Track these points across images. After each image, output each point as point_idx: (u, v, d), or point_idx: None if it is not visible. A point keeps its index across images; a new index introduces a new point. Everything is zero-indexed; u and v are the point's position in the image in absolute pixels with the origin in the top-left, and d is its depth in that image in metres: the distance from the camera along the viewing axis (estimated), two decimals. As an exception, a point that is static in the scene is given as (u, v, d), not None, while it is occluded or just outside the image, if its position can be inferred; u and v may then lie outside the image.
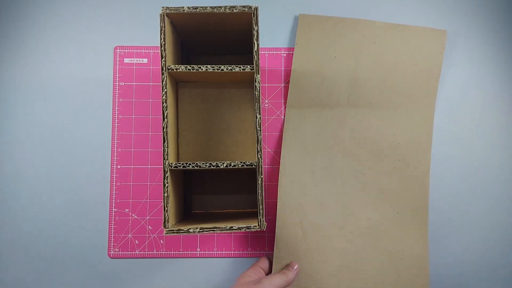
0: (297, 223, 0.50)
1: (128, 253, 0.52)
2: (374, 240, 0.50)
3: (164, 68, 0.41)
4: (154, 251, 0.52)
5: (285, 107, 0.53)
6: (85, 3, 0.55)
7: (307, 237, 0.50)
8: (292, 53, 0.54)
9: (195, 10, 0.40)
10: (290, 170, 0.51)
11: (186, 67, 0.42)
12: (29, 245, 0.52)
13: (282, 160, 0.51)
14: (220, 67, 0.42)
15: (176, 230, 0.38)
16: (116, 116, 0.54)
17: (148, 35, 0.55)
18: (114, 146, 0.53)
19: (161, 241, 0.52)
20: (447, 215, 0.53)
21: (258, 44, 0.40)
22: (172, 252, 0.52)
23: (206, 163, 0.40)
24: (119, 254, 0.52)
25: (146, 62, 0.55)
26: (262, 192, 0.40)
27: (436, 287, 0.52)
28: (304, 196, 0.51)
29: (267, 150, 0.53)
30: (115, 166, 0.53)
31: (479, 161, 0.54)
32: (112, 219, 0.52)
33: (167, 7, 0.40)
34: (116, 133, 0.53)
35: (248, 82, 0.51)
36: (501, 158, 0.54)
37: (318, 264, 0.49)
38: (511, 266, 0.52)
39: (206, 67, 0.42)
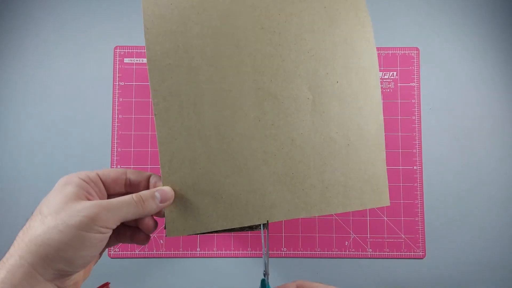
0: (190, 127, 0.34)
1: (128, 253, 0.52)
2: (306, 129, 0.36)
3: None
4: (154, 251, 0.52)
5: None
6: (85, 3, 0.55)
7: (208, 145, 0.34)
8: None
9: None
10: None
11: None
12: (29, 245, 0.52)
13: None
14: None
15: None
16: (116, 116, 0.54)
17: (148, 35, 0.55)
18: (114, 146, 0.53)
19: (161, 241, 0.52)
20: (446, 216, 0.53)
21: None
22: (172, 252, 0.52)
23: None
24: (119, 254, 0.52)
25: (146, 62, 0.54)
26: None
27: (436, 287, 0.52)
28: (194, 84, 0.35)
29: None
30: (115, 166, 0.53)
31: (478, 161, 0.54)
32: (112, 219, 0.52)
33: None
34: (116, 133, 0.53)
35: None
36: (500, 158, 0.54)
37: (227, 181, 0.35)
38: (511, 266, 0.52)
39: None
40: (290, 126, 0.36)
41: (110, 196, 0.32)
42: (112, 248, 0.52)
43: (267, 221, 0.36)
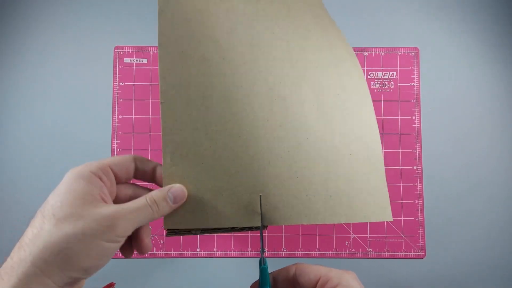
0: (197, 120, 0.34)
1: (128, 253, 0.52)
2: (312, 135, 0.36)
3: None
4: (154, 251, 0.52)
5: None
6: (85, 3, 0.55)
7: (214, 141, 0.34)
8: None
9: None
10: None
11: None
12: (29, 245, 0.52)
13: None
14: None
15: (178, 231, 0.38)
16: (116, 116, 0.54)
17: (148, 35, 0.55)
18: (114, 146, 0.53)
19: (161, 241, 0.52)
20: (446, 215, 0.53)
21: None
22: (172, 252, 0.52)
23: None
24: (119, 254, 0.52)
25: (146, 62, 0.55)
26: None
27: (436, 287, 0.52)
28: (203, 77, 0.34)
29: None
30: (115, 166, 0.53)
31: (478, 161, 0.54)
32: (112, 219, 0.52)
33: None
34: (116, 133, 0.53)
35: None
36: (500, 158, 0.54)
37: (231, 179, 0.34)
38: (511, 266, 0.52)
39: None
40: (298, 130, 0.36)
41: (118, 184, 0.30)
42: (112, 248, 0.52)
43: (266, 225, 0.36)
